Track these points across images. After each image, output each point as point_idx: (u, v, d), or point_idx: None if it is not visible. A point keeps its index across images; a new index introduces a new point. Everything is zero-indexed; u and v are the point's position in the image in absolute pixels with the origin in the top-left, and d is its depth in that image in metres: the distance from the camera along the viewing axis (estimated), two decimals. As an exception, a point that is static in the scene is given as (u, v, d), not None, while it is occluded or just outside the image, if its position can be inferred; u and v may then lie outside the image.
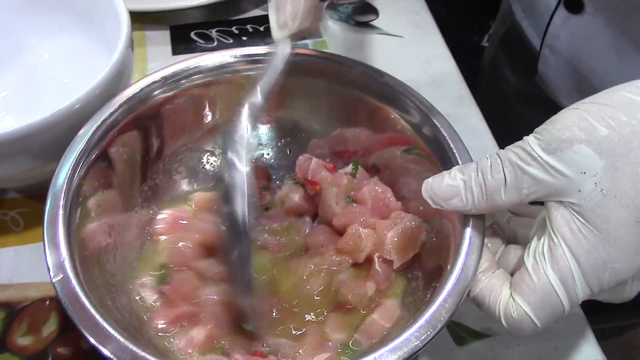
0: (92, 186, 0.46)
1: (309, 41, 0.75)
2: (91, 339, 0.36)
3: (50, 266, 0.39)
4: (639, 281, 0.38)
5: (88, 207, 0.45)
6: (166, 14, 0.77)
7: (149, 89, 0.50)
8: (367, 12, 0.80)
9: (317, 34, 0.76)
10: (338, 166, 0.55)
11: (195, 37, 0.76)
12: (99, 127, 0.46)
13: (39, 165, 0.51)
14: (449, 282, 0.39)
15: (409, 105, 0.49)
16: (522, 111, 0.79)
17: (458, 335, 0.51)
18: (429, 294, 0.44)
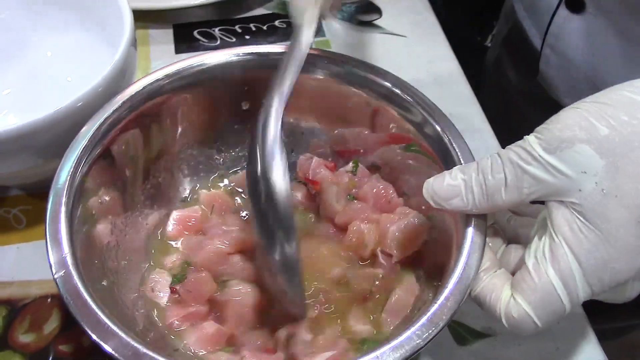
0: (94, 184, 0.46)
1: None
2: (93, 335, 0.37)
3: (52, 262, 0.39)
4: (640, 281, 0.38)
5: (90, 204, 0.45)
6: (169, 13, 0.77)
7: (152, 86, 0.50)
8: (370, 11, 0.80)
9: (320, 33, 0.76)
10: (339, 165, 0.55)
11: (198, 36, 0.76)
12: (101, 125, 0.46)
13: (42, 162, 0.51)
14: (451, 281, 0.39)
15: (412, 104, 0.49)
16: (525, 111, 0.79)
17: (459, 335, 0.51)
18: (431, 293, 0.44)
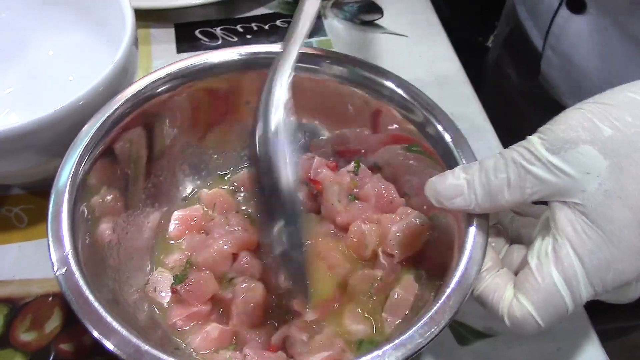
0: (95, 182, 0.46)
1: (314, 40, 0.75)
2: (94, 332, 0.37)
3: (53, 260, 0.39)
4: (643, 282, 0.38)
5: (92, 203, 0.45)
6: (171, 12, 0.77)
7: (154, 85, 0.49)
8: (372, 11, 0.80)
9: (322, 33, 0.76)
10: (340, 165, 0.55)
11: (199, 35, 0.76)
12: (103, 124, 0.46)
13: (43, 161, 0.51)
14: (453, 280, 0.39)
15: (413, 104, 0.49)
16: (526, 111, 0.79)
17: (460, 335, 0.51)
18: (433, 292, 0.44)
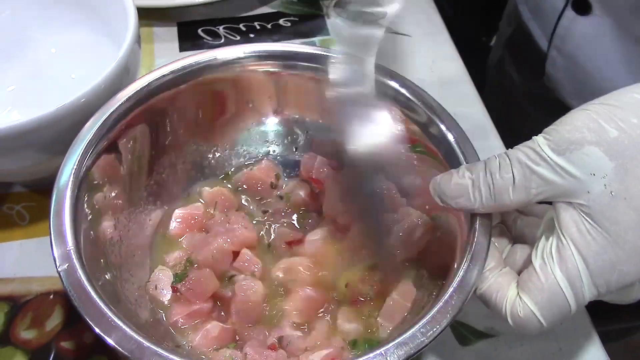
0: (97, 179, 0.46)
1: (316, 39, 0.75)
2: (96, 328, 0.36)
3: (56, 256, 0.39)
4: (646, 283, 0.38)
5: (94, 200, 0.45)
6: (174, 11, 0.77)
7: (157, 83, 0.49)
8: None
9: (324, 32, 0.76)
10: (342, 165, 0.55)
11: (202, 34, 0.76)
12: (105, 121, 0.46)
13: (45, 159, 0.51)
14: (456, 279, 0.39)
15: (416, 104, 0.49)
16: (529, 111, 0.79)
17: (462, 335, 0.51)
18: (435, 291, 0.44)
